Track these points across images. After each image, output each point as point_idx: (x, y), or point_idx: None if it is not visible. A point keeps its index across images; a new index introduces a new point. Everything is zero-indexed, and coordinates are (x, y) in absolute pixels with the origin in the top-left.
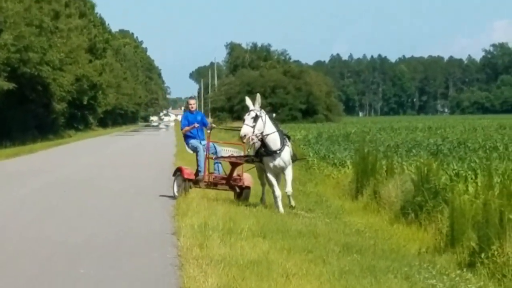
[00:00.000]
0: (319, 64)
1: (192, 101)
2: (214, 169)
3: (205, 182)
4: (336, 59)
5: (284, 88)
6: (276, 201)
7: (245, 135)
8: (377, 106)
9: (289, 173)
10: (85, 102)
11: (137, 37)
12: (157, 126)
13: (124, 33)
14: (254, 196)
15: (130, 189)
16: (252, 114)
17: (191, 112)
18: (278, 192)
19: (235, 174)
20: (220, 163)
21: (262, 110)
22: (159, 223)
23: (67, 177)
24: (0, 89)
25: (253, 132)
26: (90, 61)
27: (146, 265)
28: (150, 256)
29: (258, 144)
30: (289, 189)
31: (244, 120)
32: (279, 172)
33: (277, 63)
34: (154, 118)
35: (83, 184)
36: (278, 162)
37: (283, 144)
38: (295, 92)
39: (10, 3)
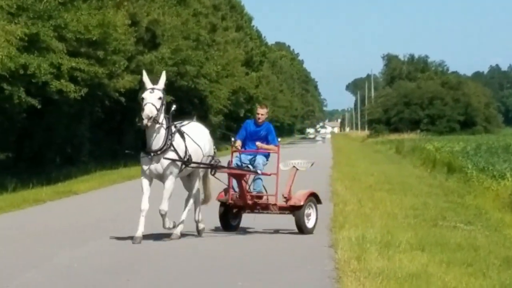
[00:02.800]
0: (477, 75)
1: (261, 110)
2: (254, 187)
3: (229, 203)
4: (495, 69)
5: (441, 100)
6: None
7: (151, 117)
8: None
9: (167, 186)
10: (241, 115)
11: (293, 49)
12: (313, 138)
13: (280, 46)
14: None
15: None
16: (159, 94)
17: (256, 123)
18: (144, 204)
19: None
20: (260, 178)
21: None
22: (316, 236)
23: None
24: None
25: (156, 115)
26: (247, 74)
27: (304, 278)
28: (308, 269)
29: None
30: (162, 206)
31: (143, 99)
32: (151, 180)
33: (434, 74)
34: (310, 131)
35: None
36: (154, 167)
37: (165, 145)
38: (453, 103)
39: (167, 17)
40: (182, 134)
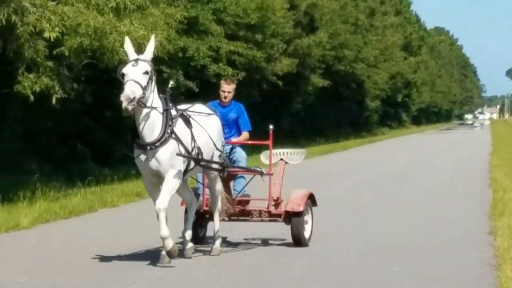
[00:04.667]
0: None
1: (227, 87)
2: (234, 188)
3: (203, 210)
4: None
5: None
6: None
7: (134, 98)
8: None
9: (167, 182)
10: (399, 100)
11: (452, 34)
12: (471, 124)
13: (439, 31)
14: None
15: (443, 188)
16: (144, 66)
17: (221, 103)
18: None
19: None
20: (243, 176)
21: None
22: (474, 222)
23: (379, 176)
24: (315, 86)
25: (143, 95)
26: (405, 59)
27: (462, 264)
28: (466, 255)
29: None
30: (159, 201)
31: (124, 76)
32: (156, 181)
33: None
34: (468, 116)
35: (394, 183)
36: (151, 164)
37: (164, 135)
38: None
39: (326, 1)
40: (187, 119)
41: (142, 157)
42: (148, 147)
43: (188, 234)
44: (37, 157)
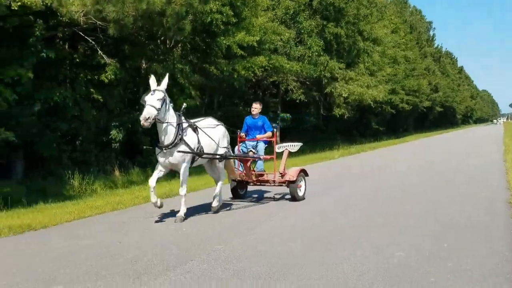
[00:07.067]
0: None
1: (255, 105)
2: (256, 167)
3: (239, 179)
4: None
5: None
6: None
7: (148, 117)
8: None
9: (182, 172)
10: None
11: (487, 90)
12: (495, 123)
13: (485, 91)
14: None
15: (489, 145)
16: (159, 94)
17: (253, 116)
18: (151, 181)
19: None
20: (261, 159)
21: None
22: (497, 160)
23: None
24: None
25: (157, 114)
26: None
27: None
28: None
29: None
30: (181, 191)
31: (145, 102)
32: (164, 170)
33: None
34: (494, 120)
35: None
36: (168, 159)
37: (176, 140)
38: None
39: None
40: (195, 129)
41: (162, 154)
42: (164, 149)
43: (217, 197)
44: None
